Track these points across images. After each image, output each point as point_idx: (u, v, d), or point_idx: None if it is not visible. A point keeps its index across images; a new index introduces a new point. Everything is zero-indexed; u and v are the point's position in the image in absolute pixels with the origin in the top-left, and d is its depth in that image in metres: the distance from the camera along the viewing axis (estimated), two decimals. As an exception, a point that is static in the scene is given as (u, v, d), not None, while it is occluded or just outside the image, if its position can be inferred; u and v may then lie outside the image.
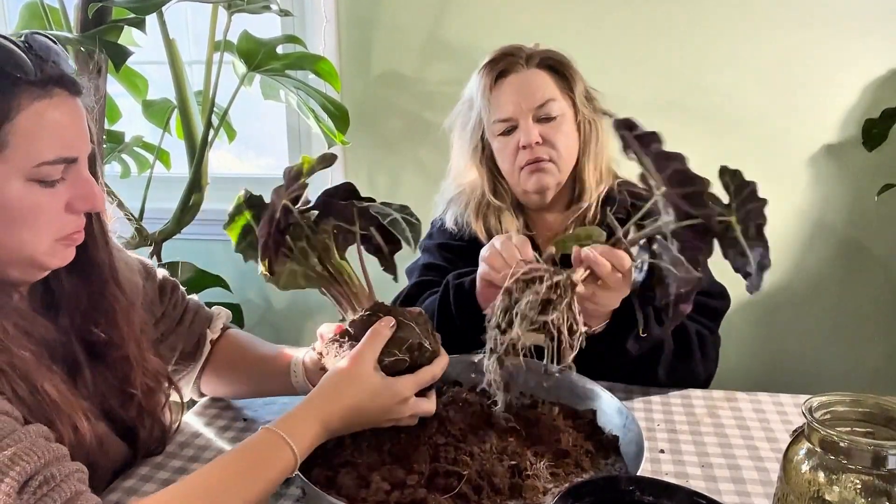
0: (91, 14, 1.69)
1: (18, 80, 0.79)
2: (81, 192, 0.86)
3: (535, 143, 1.31)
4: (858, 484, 0.64)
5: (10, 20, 2.50)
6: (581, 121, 1.37)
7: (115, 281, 0.99)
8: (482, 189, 1.42)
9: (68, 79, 0.85)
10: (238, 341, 1.22)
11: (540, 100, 1.32)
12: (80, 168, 0.86)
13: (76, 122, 0.85)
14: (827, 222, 2.10)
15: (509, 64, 1.35)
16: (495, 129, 1.36)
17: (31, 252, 0.85)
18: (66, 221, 0.87)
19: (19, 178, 0.81)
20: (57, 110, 0.82)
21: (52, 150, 0.82)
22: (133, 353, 0.99)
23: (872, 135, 1.98)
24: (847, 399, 0.71)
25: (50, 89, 0.82)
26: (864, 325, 2.17)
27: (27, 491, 0.72)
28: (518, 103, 1.32)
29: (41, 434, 0.79)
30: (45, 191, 0.83)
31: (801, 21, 1.98)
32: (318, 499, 0.83)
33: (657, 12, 2.05)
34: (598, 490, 0.72)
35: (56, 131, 0.82)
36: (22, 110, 0.80)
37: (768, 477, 0.98)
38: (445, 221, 1.47)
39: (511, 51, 1.36)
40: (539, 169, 1.33)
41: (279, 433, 0.85)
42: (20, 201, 0.81)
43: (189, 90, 1.98)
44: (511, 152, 1.35)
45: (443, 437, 0.95)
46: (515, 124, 1.33)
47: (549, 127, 1.33)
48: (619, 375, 1.24)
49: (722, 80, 2.04)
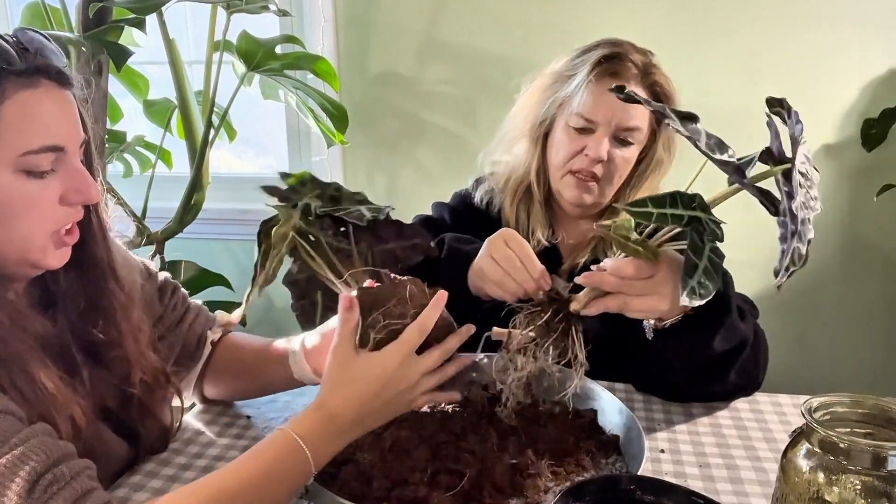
0: (92, 14, 1.69)
1: (3, 71, 0.80)
2: (74, 184, 0.86)
3: (599, 160, 1.27)
4: (858, 485, 0.64)
5: (12, 20, 2.50)
6: (649, 155, 1.33)
7: (114, 277, 0.99)
8: (526, 168, 1.37)
9: (55, 69, 0.84)
10: (235, 340, 1.22)
11: (630, 124, 1.27)
12: (70, 159, 0.86)
13: (64, 112, 0.85)
14: (826, 223, 2.10)
15: (623, 69, 1.27)
16: (572, 121, 1.29)
17: (26, 247, 0.85)
18: (61, 214, 0.87)
19: (6, 168, 0.81)
20: (43, 100, 0.82)
21: (38, 139, 0.82)
22: (131, 351, 0.99)
23: (871, 135, 1.99)
24: (847, 400, 0.71)
25: (36, 80, 0.82)
26: (863, 326, 2.17)
27: (38, 490, 0.73)
28: (609, 115, 1.26)
29: (47, 432, 0.79)
30: (34, 182, 0.83)
31: (800, 21, 1.99)
32: (321, 496, 0.84)
33: (656, 12, 2.06)
34: (599, 489, 0.72)
35: (41, 121, 0.82)
36: (6, 100, 0.79)
37: (767, 477, 0.98)
38: (471, 194, 1.44)
39: (630, 55, 1.28)
40: (584, 185, 1.29)
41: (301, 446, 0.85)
42: (9, 192, 0.81)
43: (189, 90, 1.99)
44: (571, 152, 1.29)
45: (444, 435, 0.96)
46: (594, 129, 1.27)
47: (619, 151, 1.28)
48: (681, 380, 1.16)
49: (721, 80, 2.04)
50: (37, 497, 0.72)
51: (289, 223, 0.99)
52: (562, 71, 1.34)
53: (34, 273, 0.90)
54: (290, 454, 0.84)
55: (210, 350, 1.19)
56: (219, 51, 1.94)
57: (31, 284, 0.93)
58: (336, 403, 0.88)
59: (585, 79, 1.28)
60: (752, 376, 1.18)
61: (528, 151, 1.37)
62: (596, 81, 1.27)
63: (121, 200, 1.83)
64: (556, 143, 1.33)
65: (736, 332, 1.09)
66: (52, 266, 0.89)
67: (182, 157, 2.11)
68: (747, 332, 1.12)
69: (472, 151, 1.50)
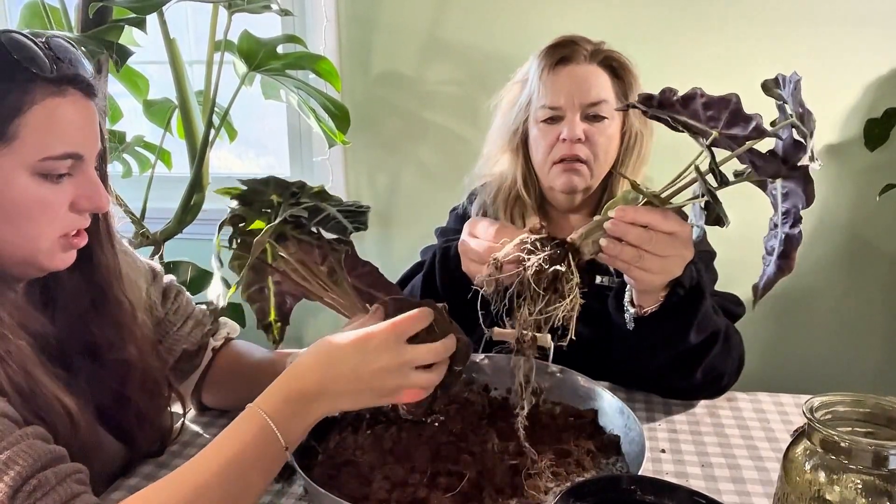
0: (92, 14, 1.69)
1: (34, 76, 0.81)
2: (86, 192, 0.87)
3: (576, 140, 1.28)
4: (859, 484, 0.64)
5: (11, 20, 2.50)
6: (627, 130, 1.33)
7: (119, 284, 0.99)
8: (512, 178, 1.38)
9: (83, 80, 0.86)
10: (237, 350, 1.22)
11: (594, 98, 1.28)
12: (87, 167, 0.87)
13: (87, 122, 0.87)
14: (828, 222, 2.10)
15: (572, 53, 1.30)
16: (539, 115, 1.31)
17: (33, 248, 0.85)
18: (70, 220, 0.88)
19: (25, 171, 0.82)
20: (69, 109, 0.84)
21: (59, 146, 0.83)
22: (132, 356, 0.99)
23: (874, 135, 1.99)
24: (848, 399, 0.70)
25: (64, 88, 0.84)
26: (865, 326, 2.17)
27: (20, 496, 0.72)
28: (571, 95, 1.28)
29: (39, 436, 0.79)
30: (49, 186, 0.84)
31: (803, 20, 1.98)
32: (320, 498, 0.83)
33: (657, 13, 2.05)
34: (600, 489, 0.72)
35: (66, 129, 0.84)
36: (35, 105, 0.81)
37: (768, 477, 0.98)
38: (468, 210, 1.45)
39: (577, 40, 1.32)
40: (572, 169, 1.29)
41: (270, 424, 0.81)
42: (25, 194, 0.83)
43: (190, 90, 1.98)
44: (549, 143, 1.31)
45: (444, 436, 0.95)
46: (562, 115, 1.29)
47: (594, 127, 1.29)
48: (652, 372, 1.17)
49: (722, 81, 2.04)
50: (19, 503, 0.72)
51: (267, 234, 0.99)
52: (521, 78, 1.39)
53: (39, 274, 0.90)
54: (260, 431, 0.80)
55: (211, 357, 1.19)
56: (220, 50, 1.94)
57: (31, 283, 0.93)
58: (301, 373, 0.83)
59: (540, 72, 1.31)
60: (718, 374, 1.16)
61: (511, 163, 1.39)
62: (550, 70, 1.31)
63: (120, 201, 1.83)
64: (533, 143, 1.35)
65: (709, 323, 1.10)
66: (58, 268, 0.90)
67: (182, 157, 2.11)
68: (720, 324, 1.13)
69: (474, 152, 1.50)
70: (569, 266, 0.92)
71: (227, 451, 0.79)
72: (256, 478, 0.81)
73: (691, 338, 1.08)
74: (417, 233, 1.81)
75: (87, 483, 0.79)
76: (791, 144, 0.85)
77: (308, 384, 0.82)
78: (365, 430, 0.99)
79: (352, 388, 0.83)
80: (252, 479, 0.80)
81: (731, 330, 1.17)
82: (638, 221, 0.93)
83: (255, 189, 1.06)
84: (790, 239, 0.85)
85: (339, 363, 0.83)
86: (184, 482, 0.77)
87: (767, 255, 0.88)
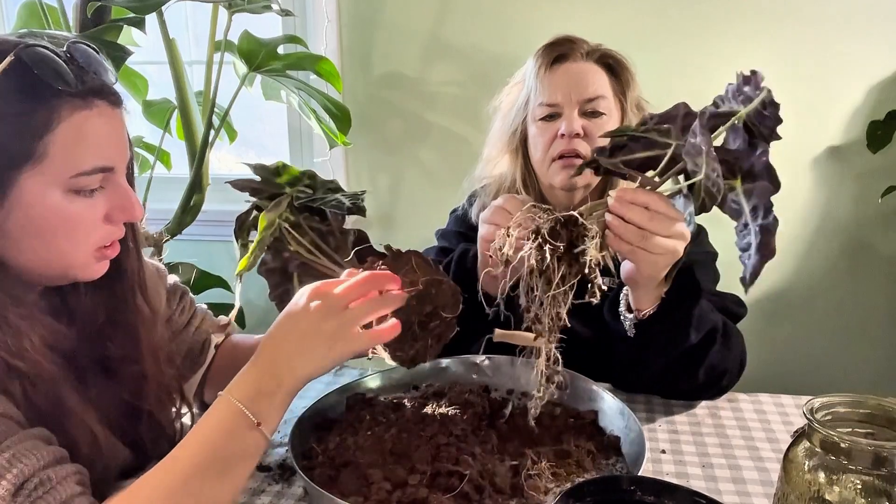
0: (90, 13, 1.69)
1: (60, 93, 0.79)
2: (120, 203, 0.86)
3: (574, 135, 1.27)
4: (859, 484, 0.64)
5: (9, 19, 2.48)
6: (625, 125, 1.33)
7: (142, 290, 0.98)
8: (512, 178, 1.39)
9: (109, 89, 0.84)
10: (234, 342, 1.22)
11: (591, 94, 1.29)
12: (117, 178, 0.86)
13: (115, 132, 0.85)
14: (831, 224, 2.10)
15: (569, 50, 1.32)
16: (537, 113, 1.32)
17: (68, 263, 0.84)
18: (105, 232, 0.86)
19: (57, 188, 0.80)
20: (97, 122, 0.82)
21: (90, 161, 0.81)
22: (149, 367, 0.98)
23: (877, 137, 1.98)
24: (848, 400, 0.71)
25: (91, 101, 0.81)
26: (866, 327, 2.16)
27: (22, 494, 0.72)
28: (568, 92, 1.29)
29: (41, 437, 0.79)
30: (83, 201, 0.82)
31: (805, 22, 1.98)
32: (320, 498, 0.83)
33: (658, 12, 2.05)
34: (600, 490, 0.72)
35: (94, 143, 0.82)
36: (62, 122, 0.79)
37: (769, 477, 0.98)
38: (468, 211, 1.45)
39: (573, 39, 1.33)
40: (571, 165, 1.28)
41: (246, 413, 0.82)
42: (58, 212, 0.81)
43: (189, 90, 1.98)
44: (547, 140, 1.31)
45: (444, 437, 0.95)
46: (560, 112, 1.30)
47: (592, 123, 1.29)
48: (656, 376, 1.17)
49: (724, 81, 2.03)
50: (20, 501, 0.72)
51: (277, 209, 1.00)
52: (518, 80, 1.40)
53: (65, 283, 0.89)
54: (233, 416, 0.82)
55: (213, 354, 1.19)
56: (220, 51, 1.94)
57: (48, 290, 0.92)
58: (259, 350, 0.87)
59: (537, 70, 1.32)
60: (720, 373, 1.16)
61: (510, 163, 1.40)
62: (547, 68, 1.32)
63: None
64: (532, 141, 1.36)
65: (707, 319, 1.11)
66: (91, 279, 0.89)
67: (181, 158, 2.11)
68: (717, 320, 1.13)
69: (475, 153, 1.50)
70: (583, 226, 0.93)
71: (204, 442, 0.82)
72: (237, 463, 0.82)
73: (692, 336, 1.09)
74: (419, 234, 1.81)
75: (87, 484, 0.79)
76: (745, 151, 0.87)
77: (264, 360, 0.86)
78: (365, 430, 0.99)
79: (299, 349, 0.86)
80: (233, 465, 0.82)
81: (729, 327, 1.18)
82: (637, 201, 0.95)
83: (266, 181, 1.10)
84: (765, 229, 0.88)
85: (281, 330, 0.87)
86: (166, 475, 0.79)
87: (743, 252, 0.90)
